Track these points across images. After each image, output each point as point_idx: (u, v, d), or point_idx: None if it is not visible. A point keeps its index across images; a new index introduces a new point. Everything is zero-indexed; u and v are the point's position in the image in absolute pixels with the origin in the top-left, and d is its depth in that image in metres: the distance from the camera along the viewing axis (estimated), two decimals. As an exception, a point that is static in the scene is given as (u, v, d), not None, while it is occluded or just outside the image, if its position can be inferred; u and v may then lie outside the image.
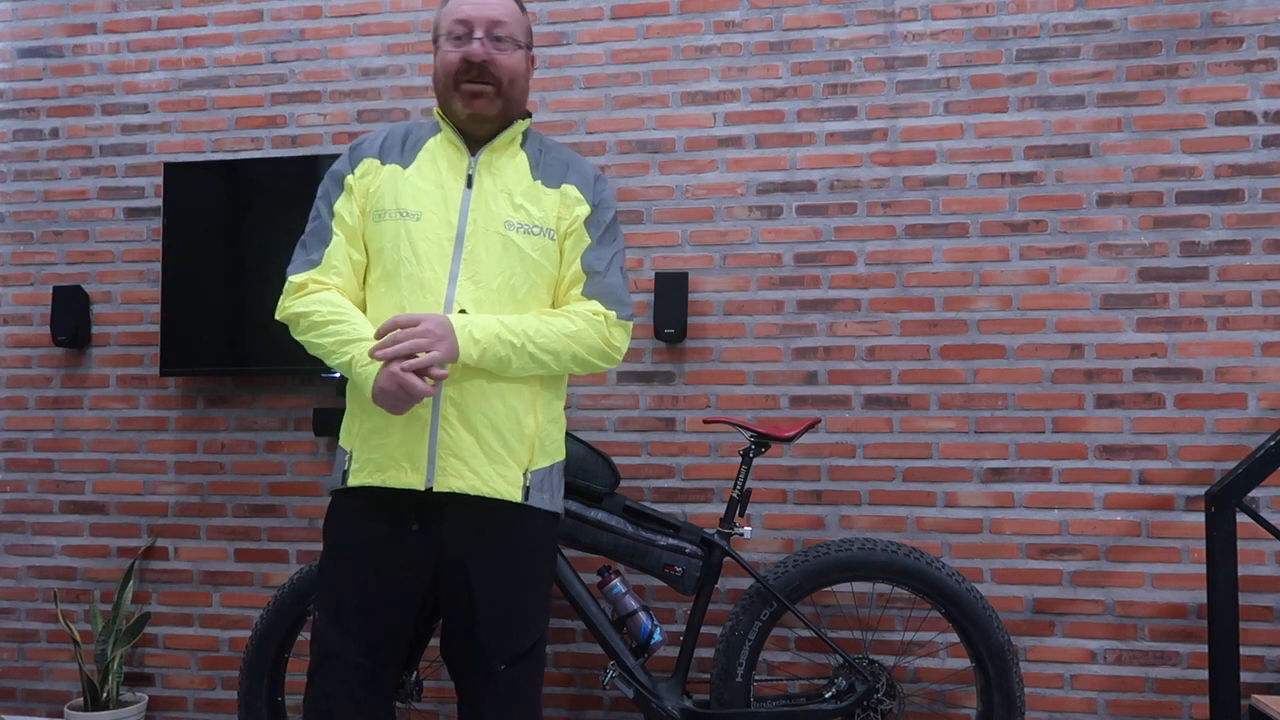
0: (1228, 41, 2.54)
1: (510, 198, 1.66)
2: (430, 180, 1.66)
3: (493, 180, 1.67)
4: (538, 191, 1.68)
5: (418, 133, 1.73)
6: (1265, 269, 2.51)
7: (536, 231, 1.65)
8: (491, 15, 1.64)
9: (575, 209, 1.70)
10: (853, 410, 2.65)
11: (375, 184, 1.67)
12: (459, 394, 1.59)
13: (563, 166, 1.73)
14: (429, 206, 1.64)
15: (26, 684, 2.96)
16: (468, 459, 1.59)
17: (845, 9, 2.69)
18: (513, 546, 1.65)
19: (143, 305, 2.95)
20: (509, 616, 1.65)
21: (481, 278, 1.61)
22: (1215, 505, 2.15)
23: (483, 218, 1.64)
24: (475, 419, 1.59)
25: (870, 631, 2.61)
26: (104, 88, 3.01)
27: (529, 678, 1.68)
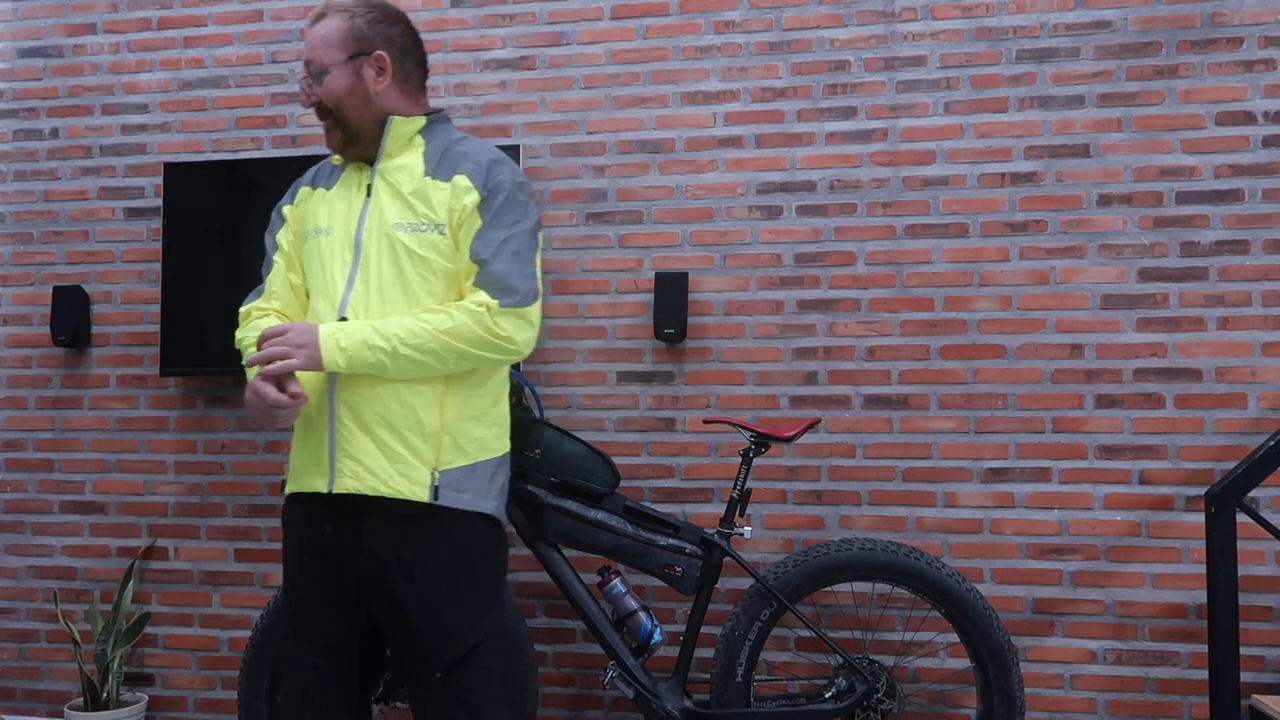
0: (1228, 41, 2.54)
1: (401, 199, 1.67)
2: (339, 196, 1.72)
3: (387, 186, 1.69)
4: (428, 188, 1.67)
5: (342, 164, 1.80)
6: (1265, 269, 2.51)
7: (424, 228, 1.65)
8: (306, 55, 1.71)
9: (464, 198, 1.66)
10: (853, 410, 2.65)
11: (306, 209, 1.77)
12: (353, 396, 1.61)
13: (459, 158, 1.70)
14: (337, 221, 1.70)
15: (26, 684, 2.96)
16: (364, 460, 1.60)
17: (845, 9, 2.69)
18: (431, 549, 1.64)
19: (143, 305, 2.95)
20: (435, 622, 1.63)
21: (372, 281, 1.64)
22: (1215, 505, 2.15)
23: (375, 223, 1.66)
24: (370, 420, 1.61)
25: (870, 631, 2.61)
26: (104, 88, 3.01)
27: (475, 685, 1.65)
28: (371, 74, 1.69)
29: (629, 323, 2.74)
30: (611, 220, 2.77)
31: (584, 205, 2.78)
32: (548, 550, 2.34)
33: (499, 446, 1.75)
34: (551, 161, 2.80)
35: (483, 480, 1.69)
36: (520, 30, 2.83)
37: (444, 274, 1.66)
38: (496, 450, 1.74)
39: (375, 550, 1.62)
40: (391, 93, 1.72)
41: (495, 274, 1.64)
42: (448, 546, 1.65)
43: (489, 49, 2.84)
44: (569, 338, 2.77)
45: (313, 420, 1.66)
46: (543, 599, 2.74)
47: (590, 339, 2.75)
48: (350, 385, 1.62)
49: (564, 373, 2.77)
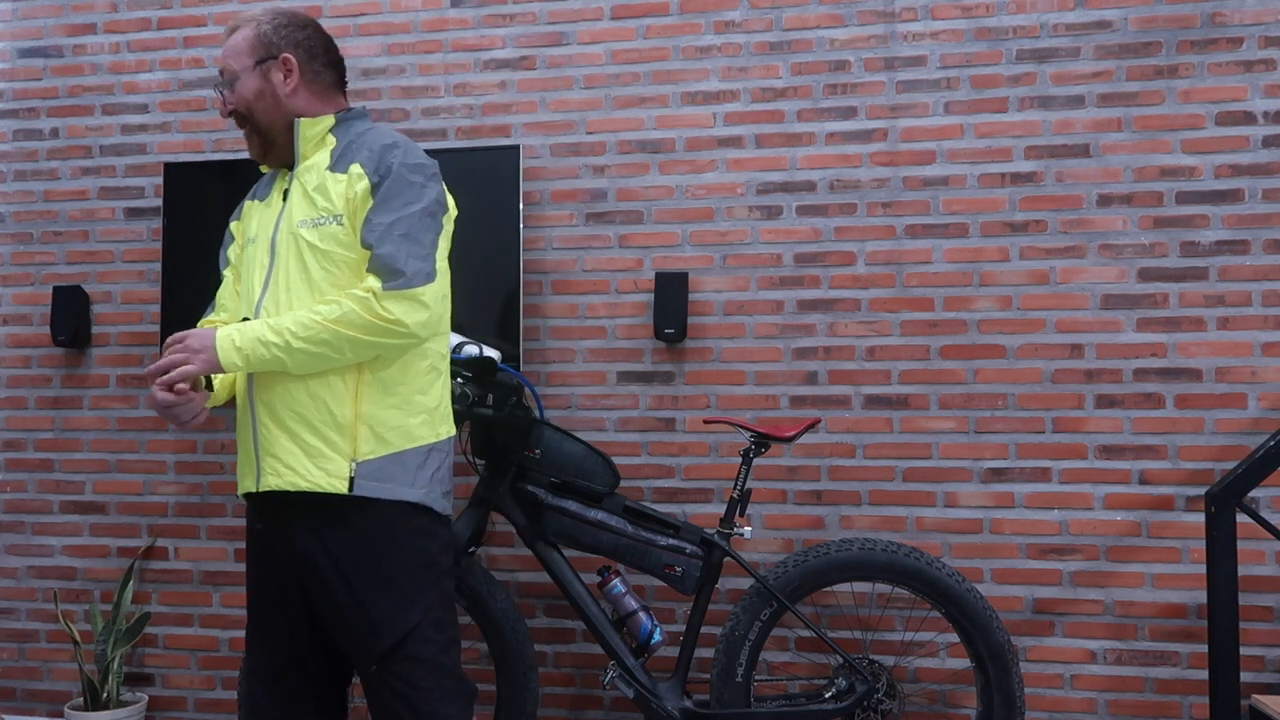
0: (1228, 41, 2.54)
1: (308, 198, 1.69)
2: (267, 205, 1.77)
3: (299, 187, 1.72)
4: (329, 181, 1.69)
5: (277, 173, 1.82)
6: (1265, 269, 2.51)
7: (324, 221, 1.66)
8: (219, 65, 1.76)
9: (357, 185, 1.66)
10: (853, 410, 2.65)
11: (247, 222, 1.81)
12: (268, 395, 1.65)
13: (359, 149, 1.70)
14: (261, 229, 1.74)
15: (26, 684, 2.96)
16: (283, 456, 1.64)
17: (845, 9, 2.69)
18: (351, 540, 1.64)
19: (143, 305, 2.95)
20: (362, 613, 1.64)
21: (281, 280, 1.67)
22: (1215, 505, 2.15)
23: (285, 224, 1.70)
24: (284, 416, 1.64)
25: (870, 631, 2.61)
26: (104, 88, 3.01)
27: (410, 675, 1.64)
28: (279, 77, 1.73)
29: (629, 323, 2.74)
30: (611, 220, 2.77)
31: (584, 205, 2.78)
32: (548, 550, 2.34)
33: (428, 434, 1.71)
34: (551, 161, 2.80)
35: (409, 468, 1.68)
36: (520, 30, 2.83)
37: (347, 264, 1.66)
38: (425, 438, 1.71)
39: (302, 545, 1.66)
40: (300, 94, 1.75)
41: (381, 257, 1.62)
42: (368, 536, 1.65)
43: (489, 49, 2.84)
44: (569, 338, 2.77)
45: (242, 422, 1.71)
46: (543, 599, 2.74)
47: (590, 339, 2.75)
48: (265, 384, 1.66)
49: (564, 373, 2.77)
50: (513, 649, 2.34)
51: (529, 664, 2.35)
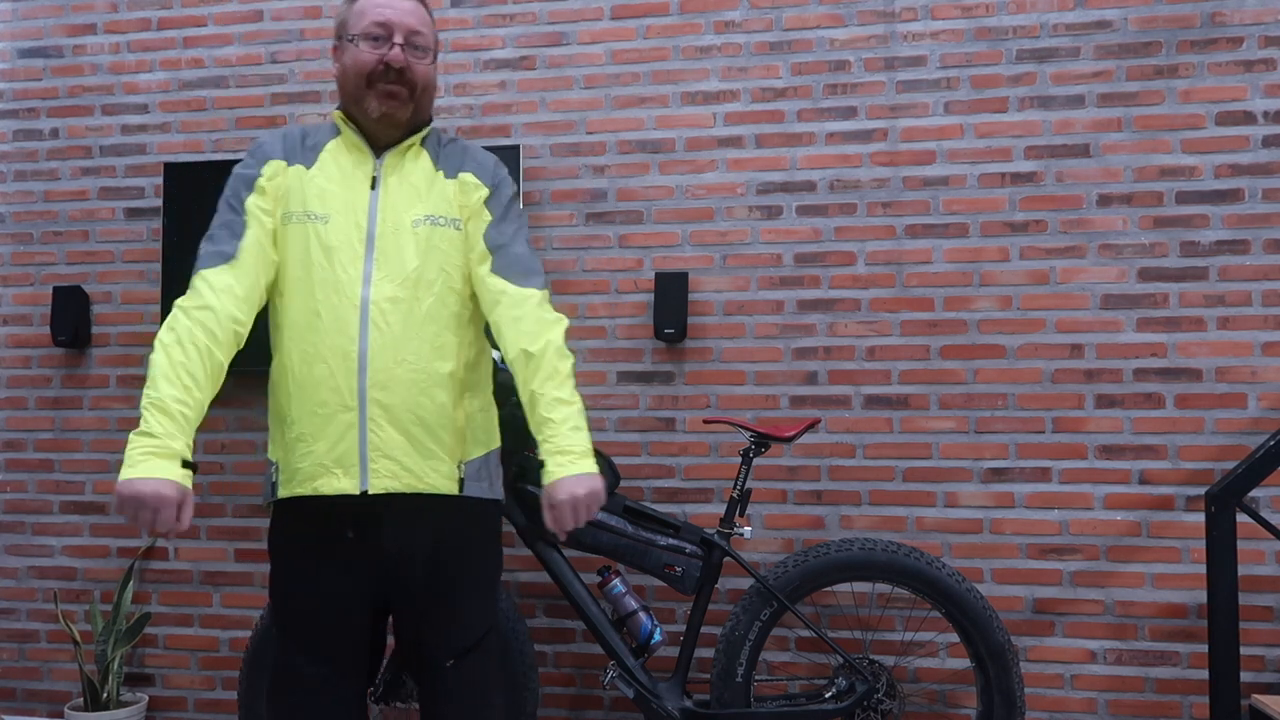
0: (1228, 41, 2.54)
1: (417, 195, 1.66)
2: (335, 181, 1.65)
3: (398, 180, 1.67)
4: (440, 184, 1.68)
5: (315, 135, 1.71)
6: (1265, 269, 2.51)
7: (443, 223, 1.65)
8: (410, 24, 1.65)
9: (474, 194, 1.69)
10: (853, 410, 2.65)
11: (283, 186, 1.66)
12: (386, 395, 1.58)
13: (460, 157, 1.73)
14: (336, 208, 1.63)
15: (26, 684, 2.96)
16: (400, 458, 1.59)
17: (845, 9, 2.69)
18: (453, 540, 1.66)
19: (143, 305, 2.95)
20: (453, 612, 1.65)
21: (394, 276, 1.61)
22: (1215, 505, 2.15)
23: (391, 217, 1.64)
24: (403, 418, 1.59)
25: (870, 631, 2.61)
26: (104, 88, 3.01)
27: (481, 671, 1.69)
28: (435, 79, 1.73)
29: (629, 323, 2.74)
30: (611, 220, 2.77)
31: (584, 205, 2.78)
32: (548, 550, 2.34)
33: (497, 436, 1.78)
34: (551, 161, 2.80)
35: (494, 469, 1.74)
36: (520, 30, 2.83)
37: (459, 268, 1.67)
38: (498, 440, 1.78)
39: (404, 546, 1.61)
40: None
41: (518, 256, 1.67)
42: (470, 536, 1.68)
43: (489, 49, 2.84)
44: (569, 337, 2.76)
45: (330, 420, 1.58)
46: (543, 599, 2.74)
47: (590, 339, 2.75)
48: (382, 386, 1.58)
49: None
50: (513, 649, 2.34)
51: (529, 664, 2.35)
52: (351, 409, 1.57)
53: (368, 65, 1.63)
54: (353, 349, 1.57)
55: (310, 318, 1.60)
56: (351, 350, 1.57)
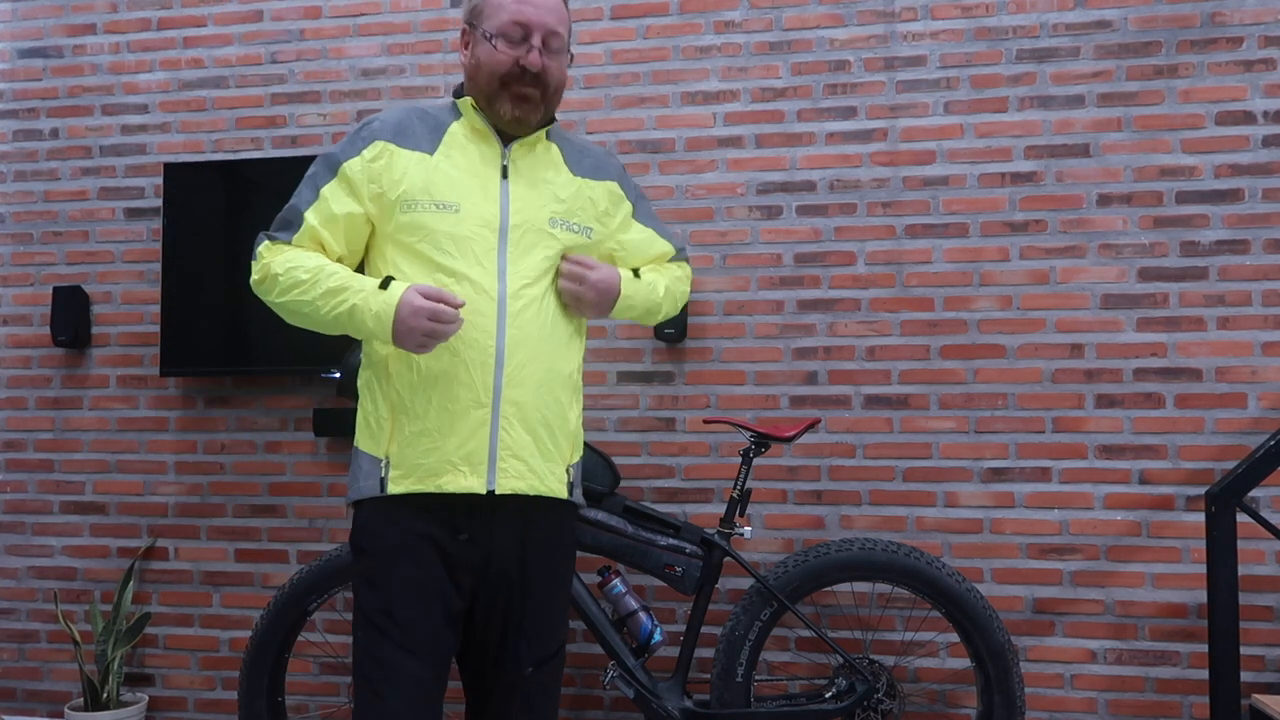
0: (1228, 41, 2.54)
1: (552, 192, 1.61)
2: (462, 169, 1.57)
3: (530, 173, 1.61)
4: (578, 187, 1.65)
5: (436, 115, 1.62)
6: (1265, 269, 2.51)
7: (576, 230, 1.62)
8: (550, 23, 1.56)
9: (621, 206, 1.73)
10: (853, 410, 2.65)
11: (397, 170, 1.55)
12: (519, 393, 1.53)
13: (594, 161, 1.70)
14: (466, 198, 1.55)
15: (26, 684, 2.96)
16: (527, 458, 1.54)
17: (845, 9, 2.69)
18: (551, 544, 1.62)
19: (143, 305, 2.95)
20: (543, 618, 1.61)
21: (529, 272, 1.55)
22: (1215, 505, 2.15)
23: (525, 210, 1.57)
24: (533, 417, 1.54)
25: (870, 631, 2.61)
26: (104, 88, 3.01)
27: (555, 680, 1.65)
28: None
29: (629, 322, 2.74)
30: (611, 220, 2.77)
31: (584, 205, 2.78)
32: (548, 550, 2.34)
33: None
34: (551, 161, 2.79)
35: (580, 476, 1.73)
36: (520, 30, 2.83)
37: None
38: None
39: (511, 548, 1.56)
40: None
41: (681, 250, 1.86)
42: (565, 541, 1.66)
43: (489, 49, 2.84)
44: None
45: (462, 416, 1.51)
46: (543, 599, 2.74)
47: (590, 339, 2.75)
48: (518, 381, 1.53)
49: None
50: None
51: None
52: (485, 406, 1.51)
53: (503, 66, 1.55)
54: (491, 344, 1.51)
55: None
56: (490, 346, 1.51)
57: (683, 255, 1.86)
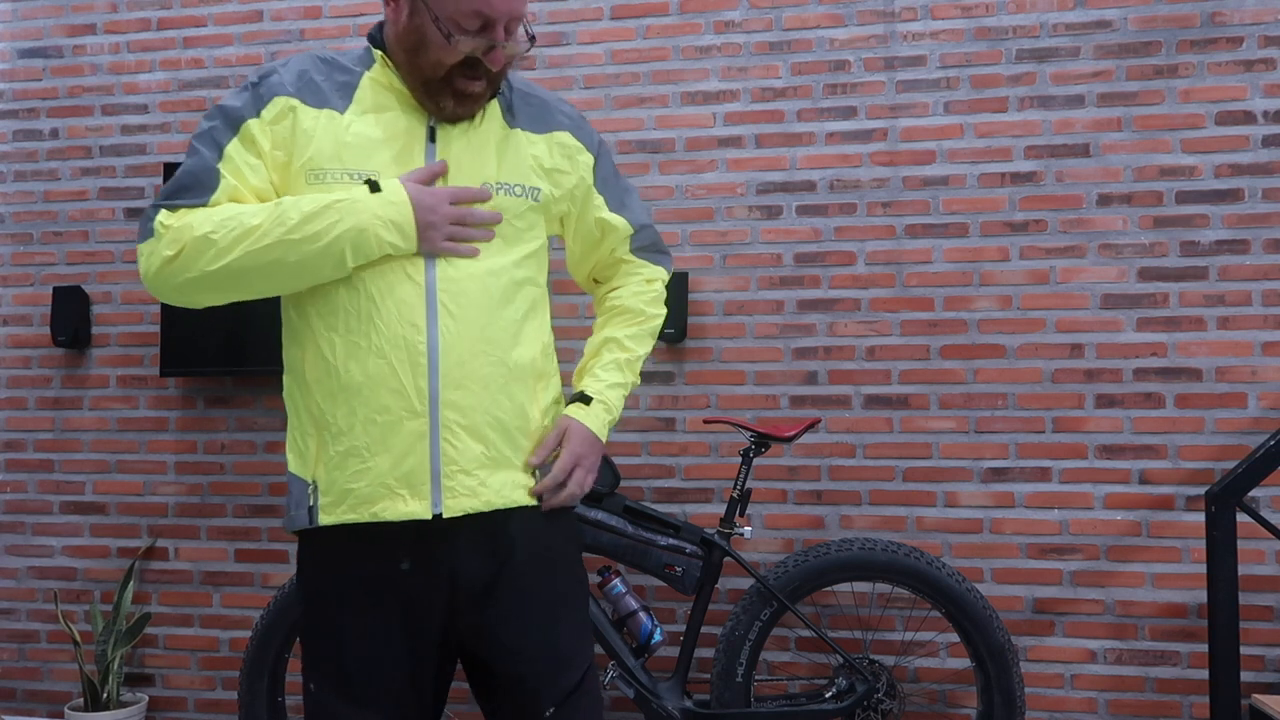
0: (1228, 41, 2.54)
1: (487, 153, 1.34)
2: (380, 130, 1.30)
3: (461, 132, 1.33)
4: (519, 143, 1.36)
5: (345, 66, 1.34)
6: (1265, 269, 2.51)
7: (518, 192, 1.34)
8: (516, 9, 1.28)
9: (577, 160, 1.42)
10: (853, 410, 2.65)
11: (302, 131, 1.28)
12: (461, 395, 1.27)
13: (543, 109, 1.41)
14: (385, 166, 1.28)
15: (26, 684, 2.96)
16: (477, 471, 1.29)
17: (845, 9, 2.69)
18: (537, 560, 1.35)
19: (143, 305, 2.95)
20: (551, 647, 1.35)
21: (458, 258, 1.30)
22: (1215, 505, 2.15)
23: (456, 177, 1.31)
24: (481, 421, 1.29)
25: (870, 631, 2.61)
26: (104, 88, 3.01)
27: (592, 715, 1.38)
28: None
29: (629, 323, 2.73)
30: (611, 220, 2.77)
31: (584, 205, 2.78)
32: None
33: None
34: (551, 161, 2.79)
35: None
36: (520, 30, 2.83)
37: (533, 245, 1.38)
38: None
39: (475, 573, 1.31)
40: None
41: (656, 237, 1.53)
42: (556, 552, 1.38)
43: (489, 49, 2.84)
44: (569, 338, 2.76)
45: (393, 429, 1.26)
46: (543, 599, 2.74)
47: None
48: (458, 381, 1.27)
49: (564, 373, 2.77)
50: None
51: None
52: (421, 415, 1.26)
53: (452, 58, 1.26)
54: (420, 340, 1.25)
55: (360, 302, 1.27)
56: (419, 342, 1.25)
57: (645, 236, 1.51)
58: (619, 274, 1.53)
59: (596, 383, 1.45)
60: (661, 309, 1.53)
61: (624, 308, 1.50)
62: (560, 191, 1.40)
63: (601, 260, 1.52)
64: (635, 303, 1.50)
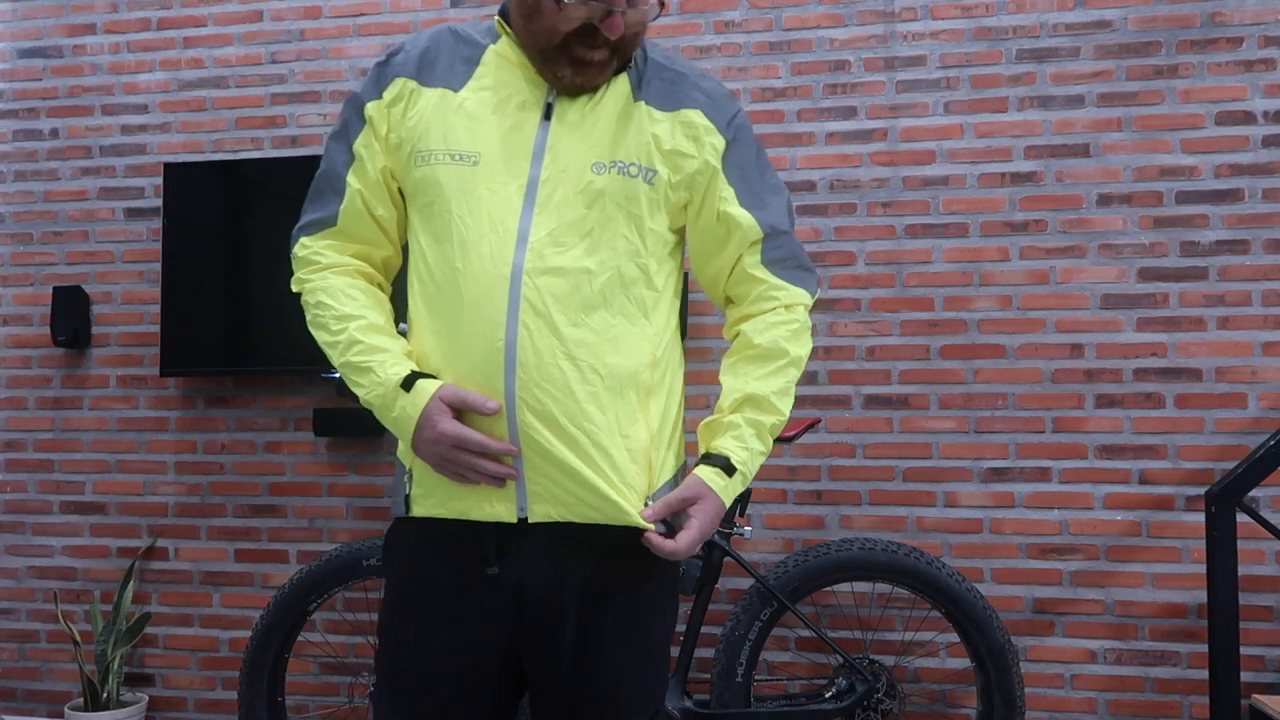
0: (1228, 41, 2.54)
1: (607, 131, 1.22)
2: (491, 108, 1.22)
3: (579, 109, 1.22)
4: (642, 119, 1.23)
5: (473, 40, 1.27)
6: (1265, 269, 2.51)
7: (634, 173, 1.21)
8: None
9: (704, 140, 1.25)
10: (853, 410, 2.65)
11: (414, 113, 1.24)
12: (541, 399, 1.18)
13: (677, 83, 1.26)
14: (490, 145, 1.20)
15: (26, 684, 2.96)
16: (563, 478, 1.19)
17: (845, 9, 2.69)
18: (619, 588, 1.24)
19: (143, 305, 2.95)
20: (630, 684, 1.24)
21: (559, 238, 1.18)
22: (1215, 505, 2.15)
23: (564, 158, 1.20)
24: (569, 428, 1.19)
25: (870, 631, 2.61)
26: (104, 88, 3.01)
27: None
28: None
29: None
30: (611, 220, 2.76)
31: (584, 205, 2.78)
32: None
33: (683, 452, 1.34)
34: (551, 161, 2.79)
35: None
36: (520, 30, 2.83)
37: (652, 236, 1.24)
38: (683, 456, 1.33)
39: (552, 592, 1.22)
40: None
41: (795, 251, 1.31)
42: (644, 583, 1.26)
43: (489, 49, 2.84)
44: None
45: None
46: (543, 599, 2.74)
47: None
48: (537, 383, 1.17)
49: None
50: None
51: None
52: (502, 418, 1.17)
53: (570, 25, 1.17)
54: (498, 336, 1.16)
55: (450, 289, 1.19)
56: (497, 337, 1.16)
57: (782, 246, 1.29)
58: (752, 295, 1.31)
59: (743, 450, 1.25)
60: (806, 345, 1.30)
61: (762, 348, 1.28)
62: (679, 177, 1.24)
63: (728, 269, 1.31)
64: (774, 340, 1.27)
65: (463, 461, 1.17)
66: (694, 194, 1.27)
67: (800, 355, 1.29)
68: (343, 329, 1.24)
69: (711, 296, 1.38)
